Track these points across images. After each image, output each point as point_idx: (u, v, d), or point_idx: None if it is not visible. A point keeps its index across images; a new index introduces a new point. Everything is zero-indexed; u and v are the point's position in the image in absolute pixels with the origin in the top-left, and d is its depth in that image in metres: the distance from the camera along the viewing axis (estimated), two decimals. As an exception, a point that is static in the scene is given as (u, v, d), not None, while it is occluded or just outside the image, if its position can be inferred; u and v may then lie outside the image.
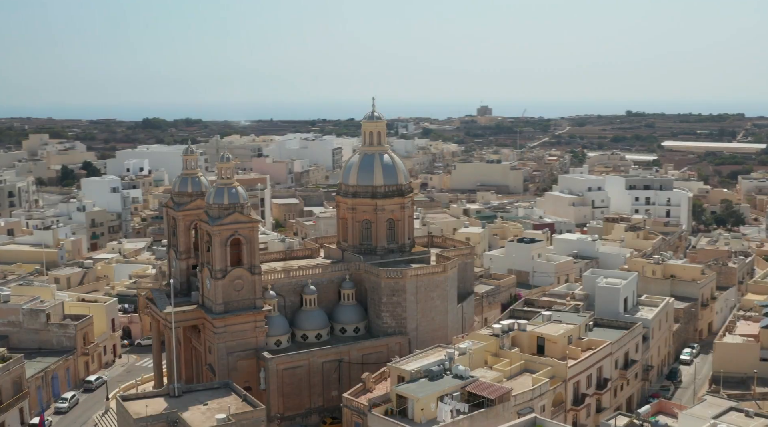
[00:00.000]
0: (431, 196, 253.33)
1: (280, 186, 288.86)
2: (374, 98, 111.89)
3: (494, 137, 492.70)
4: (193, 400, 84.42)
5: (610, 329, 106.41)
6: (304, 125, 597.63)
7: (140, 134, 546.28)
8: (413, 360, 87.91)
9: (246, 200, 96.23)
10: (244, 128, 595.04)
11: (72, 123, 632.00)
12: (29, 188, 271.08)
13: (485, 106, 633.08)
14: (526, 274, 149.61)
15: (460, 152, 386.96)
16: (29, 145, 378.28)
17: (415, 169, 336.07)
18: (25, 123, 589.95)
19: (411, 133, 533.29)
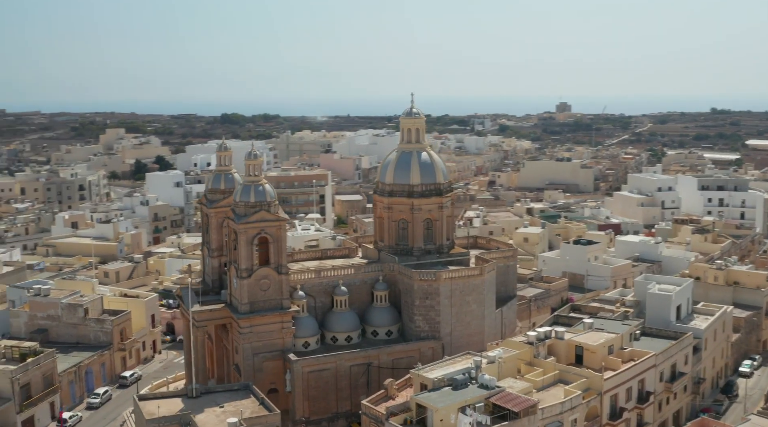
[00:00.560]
0: (496, 194, 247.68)
1: (347, 182, 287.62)
2: (413, 94, 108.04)
3: (572, 134, 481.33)
4: (210, 402, 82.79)
5: (659, 339, 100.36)
6: (381, 121, 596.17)
7: (218, 129, 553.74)
8: (438, 367, 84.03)
9: (273, 198, 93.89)
10: (320, 124, 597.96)
11: (153, 118, 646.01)
12: (100, 182, 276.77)
13: (564, 102, 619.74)
14: (582, 277, 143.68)
15: (534, 150, 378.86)
16: (106, 139, 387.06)
17: (485, 166, 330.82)
18: (107, 117, 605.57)
19: (487, 129, 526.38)
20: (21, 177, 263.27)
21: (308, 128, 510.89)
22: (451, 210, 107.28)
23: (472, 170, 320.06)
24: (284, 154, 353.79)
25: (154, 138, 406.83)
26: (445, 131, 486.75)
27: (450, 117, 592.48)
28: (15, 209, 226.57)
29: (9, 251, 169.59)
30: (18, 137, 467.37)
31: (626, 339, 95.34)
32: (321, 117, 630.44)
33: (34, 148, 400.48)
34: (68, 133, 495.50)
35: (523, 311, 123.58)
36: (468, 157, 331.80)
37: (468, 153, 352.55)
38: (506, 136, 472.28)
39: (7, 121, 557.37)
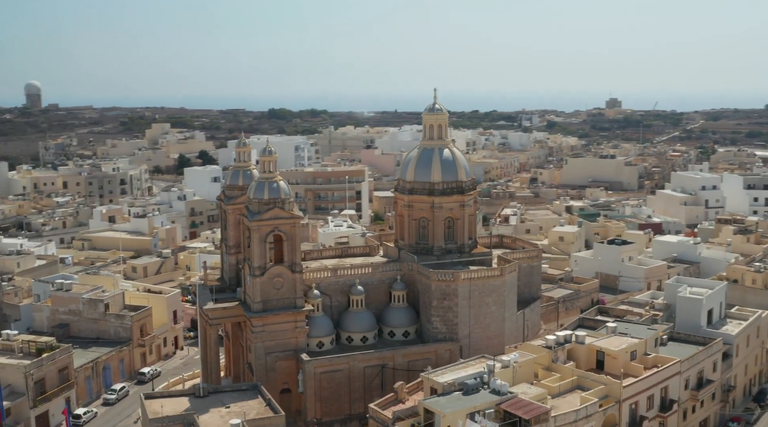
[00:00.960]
0: (537, 191, 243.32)
1: (388, 178, 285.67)
2: (436, 89, 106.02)
3: (620, 131, 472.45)
4: (216, 402, 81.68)
5: (687, 345, 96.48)
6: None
7: (265, 124, 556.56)
8: (450, 371, 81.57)
9: (288, 195, 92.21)
10: (367, 120, 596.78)
11: (203, 113, 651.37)
12: (141, 176, 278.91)
13: (614, 98, 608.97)
14: (615, 278, 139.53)
15: (580, 146, 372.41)
16: (152, 134, 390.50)
17: (528, 163, 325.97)
18: (157, 112, 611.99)
19: (534, 125, 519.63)
20: (63, 171, 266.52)
21: (354, 124, 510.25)
22: (474, 208, 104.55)
23: (515, 167, 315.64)
24: (326, 150, 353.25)
25: (199, 133, 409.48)
26: (493, 127, 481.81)
27: (498, 113, 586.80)
28: (56, 203, 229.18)
29: (44, 245, 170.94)
30: (68, 131, 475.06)
31: (650, 344, 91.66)
32: (367, 112, 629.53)
33: (81, 143, 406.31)
34: (117, 128, 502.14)
35: (550, 312, 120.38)
36: (511, 154, 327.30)
37: (512, 149, 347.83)
38: (554, 132, 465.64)
39: (59, 115, 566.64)
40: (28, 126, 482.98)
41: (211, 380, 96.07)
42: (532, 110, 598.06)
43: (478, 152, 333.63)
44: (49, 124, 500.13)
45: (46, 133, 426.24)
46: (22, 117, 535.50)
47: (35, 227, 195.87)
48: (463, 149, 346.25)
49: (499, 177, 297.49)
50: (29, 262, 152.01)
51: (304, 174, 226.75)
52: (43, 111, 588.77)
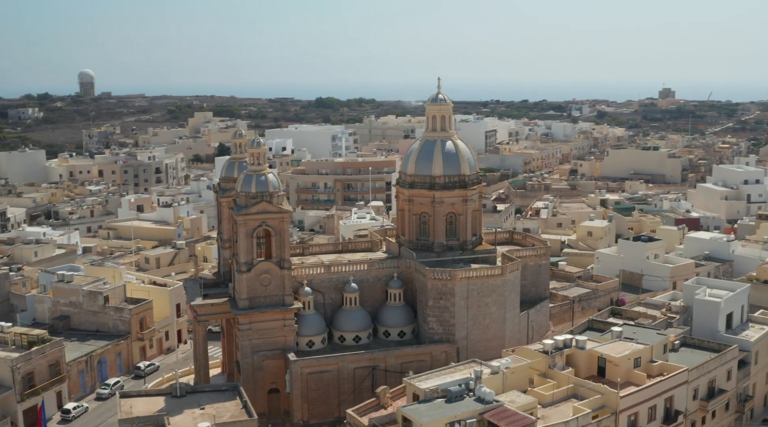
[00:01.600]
0: (574, 183, 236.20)
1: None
2: (440, 79, 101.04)
3: (672, 122, 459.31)
4: (193, 402, 78.80)
5: (701, 351, 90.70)
6: (476, 106, 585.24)
7: (311, 113, 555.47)
8: (436, 376, 77.32)
9: (277, 188, 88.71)
10: (415, 109, 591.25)
11: (251, 101, 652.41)
12: (177, 165, 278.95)
13: (668, 88, 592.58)
14: (639, 277, 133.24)
15: (627, 137, 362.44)
16: (194, 122, 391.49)
17: (571, 154, 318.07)
18: (206, 101, 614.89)
19: (585, 115, 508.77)
20: (99, 159, 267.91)
21: (402, 113, 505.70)
22: (479, 204, 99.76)
23: (557, 158, 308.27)
24: (366, 140, 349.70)
25: (241, 121, 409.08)
26: (541, 117, 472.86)
27: (547, 103, 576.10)
28: (89, 191, 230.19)
29: (67, 234, 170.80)
30: (115, 120, 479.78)
31: (657, 351, 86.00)
32: (415, 101, 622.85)
33: (124, 131, 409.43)
34: (164, 116, 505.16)
35: (564, 312, 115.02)
36: (554, 145, 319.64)
37: (555, 140, 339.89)
38: (604, 122, 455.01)
39: (109, 103, 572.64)
40: (77, 114, 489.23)
41: (200, 378, 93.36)
42: (582, 100, 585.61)
43: (520, 143, 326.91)
44: (97, 113, 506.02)
45: (91, 122, 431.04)
46: (73, 105, 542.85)
47: (63, 216, 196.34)
48: (504, 140, 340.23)
49: (539, 168, 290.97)
50: (47, 251, 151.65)
51: (334, 164, 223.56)
52: (94, 99, 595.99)
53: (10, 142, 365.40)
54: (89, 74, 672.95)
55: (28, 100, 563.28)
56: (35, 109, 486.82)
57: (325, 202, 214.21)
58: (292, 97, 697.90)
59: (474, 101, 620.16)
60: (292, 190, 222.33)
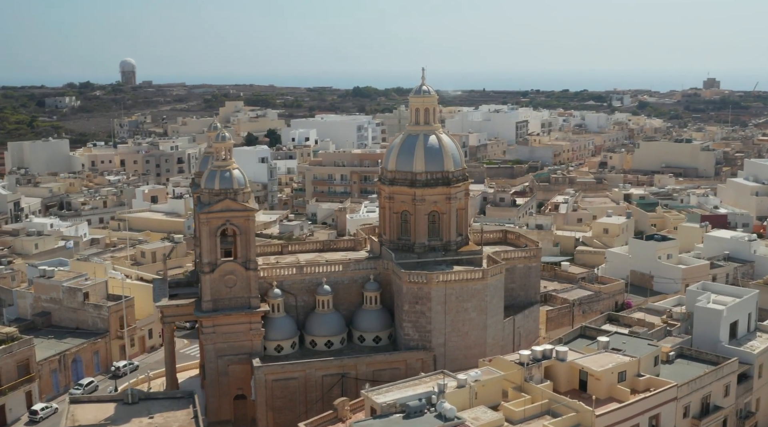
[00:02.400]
0: (601, 176, 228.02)
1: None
2: (424, 69, 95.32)
3: (715, 113, 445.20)
4: (143, 410, 74.77)
5: (698, 364, 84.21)
6: (515, 96, 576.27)
7: (348, 103, 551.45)
8: (397, 389, 72.29)
9: (243, 185, 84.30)
10: (453, 98, 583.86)
11: (290, 90, 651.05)
12: (200, 155, 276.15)
13: (713, 78, 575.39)
14: (651, 278, 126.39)
15: (665, 128, 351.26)
16: (225, 112, 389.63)
17: (604, 145, 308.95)
18: (244, 90, 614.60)
19: (626, 106, 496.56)
20: (122, 149, 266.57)
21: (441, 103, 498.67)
22: (465, 202, 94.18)
23: (589, 150, 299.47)
24: (395, 130, 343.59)
25: (271, 111, 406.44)
26: (581, 108, 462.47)
27: (588, 93, 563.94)
28: (108, 181, 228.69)
29: (75, 225, 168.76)
30: (151, 109, 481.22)
31: (647, 364, 79.78)
32: (454, 91, 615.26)
33: (155, 120, 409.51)
34: (199, 105, 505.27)
35: (563, 316, 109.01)
36: (586, 136, 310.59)
37: (588, 131, 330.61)
38: (646, 113, 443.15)
39: (147, 92, 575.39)
40: (114, 103, 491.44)
41: (168, 382, 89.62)
42: (624, 90, 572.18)
43: (552, 134, 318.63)
44: (134, 101, 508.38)
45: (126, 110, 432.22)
46: (112, 94, 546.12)
47: (75, 207, 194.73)
48: (536, 131, 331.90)
49: (570, 160, 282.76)
50: (49, 243, 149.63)
51: (351, 156, 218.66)
52: (134, 88, 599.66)
53: (43, 131, 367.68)
54: (130, 63, 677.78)
55: (69, 89, 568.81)
56: (72, 98, 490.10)
57: (341, 195, 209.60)
58: (330, 86, 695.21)
59: (513, 91, 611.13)
60: (309, 181, 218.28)
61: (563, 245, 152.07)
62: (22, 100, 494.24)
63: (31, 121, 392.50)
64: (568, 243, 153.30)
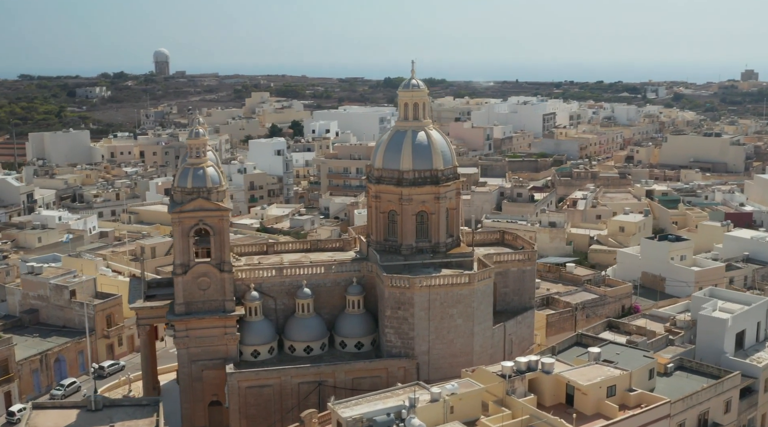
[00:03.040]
0: (626, 171, 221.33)
1: (475, 153, 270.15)
2: (414, 62, 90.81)
3: (752, 105, 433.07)
4: (105, 418, 71.72)
5: (698, 377, 79.20)
6: (548, 87, 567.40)
7: (378, 93, 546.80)
8: (367, 401, 68.38)
9: (217, 184, 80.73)
10: (485, 89, 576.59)
11: (321, 81, 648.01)
12: (221, 146, 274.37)
13: (751, 70, 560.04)
14: (663, 281, 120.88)
15: (697, 121, 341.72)
16: (250, 103, 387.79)
17: (633, 139, 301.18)
18: (275, 80, 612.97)
19: (660, 98, 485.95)
20: (141, 140, 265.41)
21: (470, 94, 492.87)
22: (456, 202, 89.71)
23: (617, 143, 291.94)
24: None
25: (297, 102, 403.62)
26: (615, 100, 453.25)
27: (623, 84, 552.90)
28: (125, 173, 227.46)
29: (84, 218, 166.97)
30: (181, 99, 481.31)
31: (640, 377, 75.03)
32: (485, 82, 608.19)
33: (181, 111, 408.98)
34: (229, 96, 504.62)
35: (565, 321, 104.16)
36: (614, 129, 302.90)
37: (617, 124, 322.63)
38: (680, 106, 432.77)
39: (178, 83, 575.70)
40: (144, 93, 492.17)
41: (145, 387, 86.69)
42: (659, 82, 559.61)
43: (580, 127, 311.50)
44: (164, 92, 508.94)
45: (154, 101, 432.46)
46: (143, 84, 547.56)
47: (87, 199, 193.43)
48: (563, 124, 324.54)
49: (596, 154, 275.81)
50: (53, 237, 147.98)
51: (367, 148, 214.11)
52: (166, 78, 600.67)
53: (70, 121, 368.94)
54: (164, 53, 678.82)
55: (102, 79, 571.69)
56: (103, 89, 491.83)
57: (356, 189, 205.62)
58: (362, 76, 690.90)
59: (546, 82, 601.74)
60: (324, 175, 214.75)
61: (577, 244, 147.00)
62: (54, 91, 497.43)
63: (59, 111, 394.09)
64: (582, 242, 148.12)
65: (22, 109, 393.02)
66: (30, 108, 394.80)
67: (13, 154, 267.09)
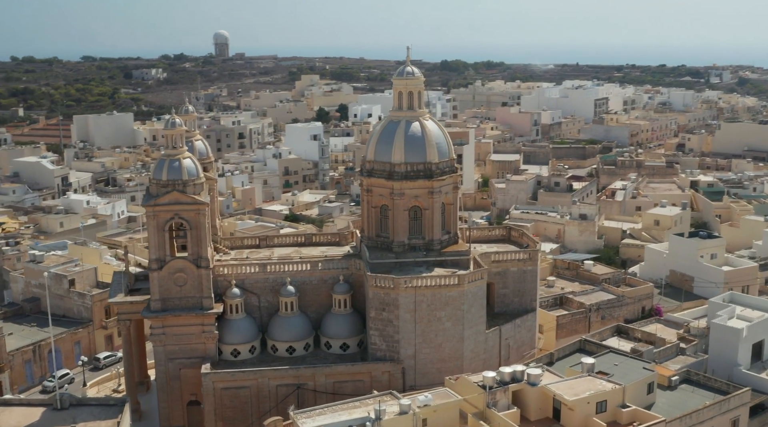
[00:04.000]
0: (673, 160, 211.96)
1: (522, 139, 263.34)
2: (409, 47, 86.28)
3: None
4: (69, 417, 69.15)
5: (706, 392, 73.29)
6: (609, 71, 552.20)
7: (434, 76, 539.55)
8: (332, 411, 64.43)
9: (194, 176, 77.24)
10: (544, 72, 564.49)
11: (379, 64, 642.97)
12: (264, 130, 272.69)
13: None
14: (691, 280, 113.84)
15: (760, 107, 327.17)
16: (300, 86, 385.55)
17: (689, 125, 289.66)
18: (332, 62, 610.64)
19: (725, 82, 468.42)
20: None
21: (527, 78, 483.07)
22: (453, 197, 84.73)
23: (671, 130, 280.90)
24: (469, 106, 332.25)
25: (347, 85, 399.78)
26: (677, 84, 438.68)
27: (686, 68, 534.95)
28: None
29: (112, 202, 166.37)
30: (235, 81, 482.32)
31: (636, 392, 69.43)
32: (543, 65, 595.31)
33: (231, 94, 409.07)
34: (283, 78, 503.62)
35: (578, 323, 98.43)
36: (669, 115, 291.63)
37: (673, 110, 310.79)
38: (744, 91, 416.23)
39: (235, 65, 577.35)
40: (200, 75, 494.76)
41: (128, 384, 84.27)
42: (724, 65, 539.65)
43: (633, 113, 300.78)
44: (219, 74, 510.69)
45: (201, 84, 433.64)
46: (201, 66, 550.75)
47: (120, 182, 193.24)
48: (616, 109, 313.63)
49: (648, 141, 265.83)
50: (75, 222, 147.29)
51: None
52: (224, 60, 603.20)
53: (123, 103, 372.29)
54: (223, 35, 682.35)
55: (162, 61, 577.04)
56: (159, 70, 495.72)
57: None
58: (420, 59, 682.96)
59: (607, 65, 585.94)
60: (359, 160, 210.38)
61: (609, 238, 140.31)
62: (113, 72, 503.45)
63: (113, 93, 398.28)
64: (614, 236, 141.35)
65: (77, 90, 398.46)
66: (85, 90, 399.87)
67: (59, 136, 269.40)
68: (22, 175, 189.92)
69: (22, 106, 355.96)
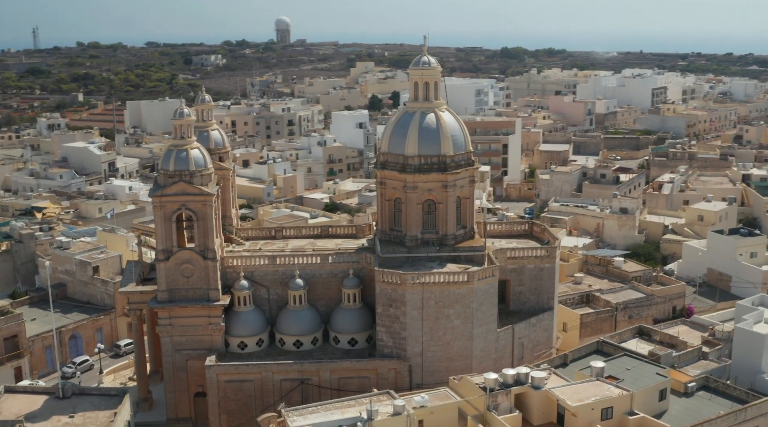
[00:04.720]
0: (729, 152, 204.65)
1: (575, 128, 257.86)
2: (426, 36, 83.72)
3: None
4: (69, 407, 69.51)
5: (723, 400, 69.89)
6: (673, 59, 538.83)
7: (493, 64, 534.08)
8: (324, 409, 63.22)
9: (202, 167, 76.50)
10: (607, 60, 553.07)
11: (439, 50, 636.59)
12: (314, 117, 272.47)
13: None
14: (729, 280, 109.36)
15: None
16: (355, 73, 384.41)
17: (750, 116, 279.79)
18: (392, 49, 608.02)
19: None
20: (234, 110, 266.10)
21: (590, 66, 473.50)
22: (469, 190, 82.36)
23: (731, 121, 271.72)
24: (521, 94, 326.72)
25: (401, 72, 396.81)
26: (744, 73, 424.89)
27: (753, 57, 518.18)
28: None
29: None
30: (293, 68, 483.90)
31: (646, 398, 66.48)
32: (606, 53, 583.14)
33: (285, 80, 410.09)
34: (341, 65, 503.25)
35: (603, 322, 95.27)
36: (729, 106, 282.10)
37: (734, 100, 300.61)
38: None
39: (295, 51, 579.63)
40: (259, 62, 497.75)
41: (138, 374, 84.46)
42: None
43: (692, 102, 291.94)
44: (278, 60, 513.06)
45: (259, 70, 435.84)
46: (260, 52, 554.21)
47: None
48: (674, 99, 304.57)
49: (706, 132, 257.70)
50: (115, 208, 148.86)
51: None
52: (284, 47, 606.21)
53: (180, 89, 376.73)
54: (285, 22, 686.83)
55: (223, 47, 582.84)
56: (218, 56, 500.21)
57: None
58: (480, 46, 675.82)
59: (672, 53, 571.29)
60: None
61: (650, 233, 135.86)
62: (174, 58, 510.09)
63: (171, 79, 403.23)
64: (656, 231, 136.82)
65: (136, 76, 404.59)
66: (144, 75, 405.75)
67: (112, 121, 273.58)
68: (70, 161, 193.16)
69: (83, 92, 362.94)
